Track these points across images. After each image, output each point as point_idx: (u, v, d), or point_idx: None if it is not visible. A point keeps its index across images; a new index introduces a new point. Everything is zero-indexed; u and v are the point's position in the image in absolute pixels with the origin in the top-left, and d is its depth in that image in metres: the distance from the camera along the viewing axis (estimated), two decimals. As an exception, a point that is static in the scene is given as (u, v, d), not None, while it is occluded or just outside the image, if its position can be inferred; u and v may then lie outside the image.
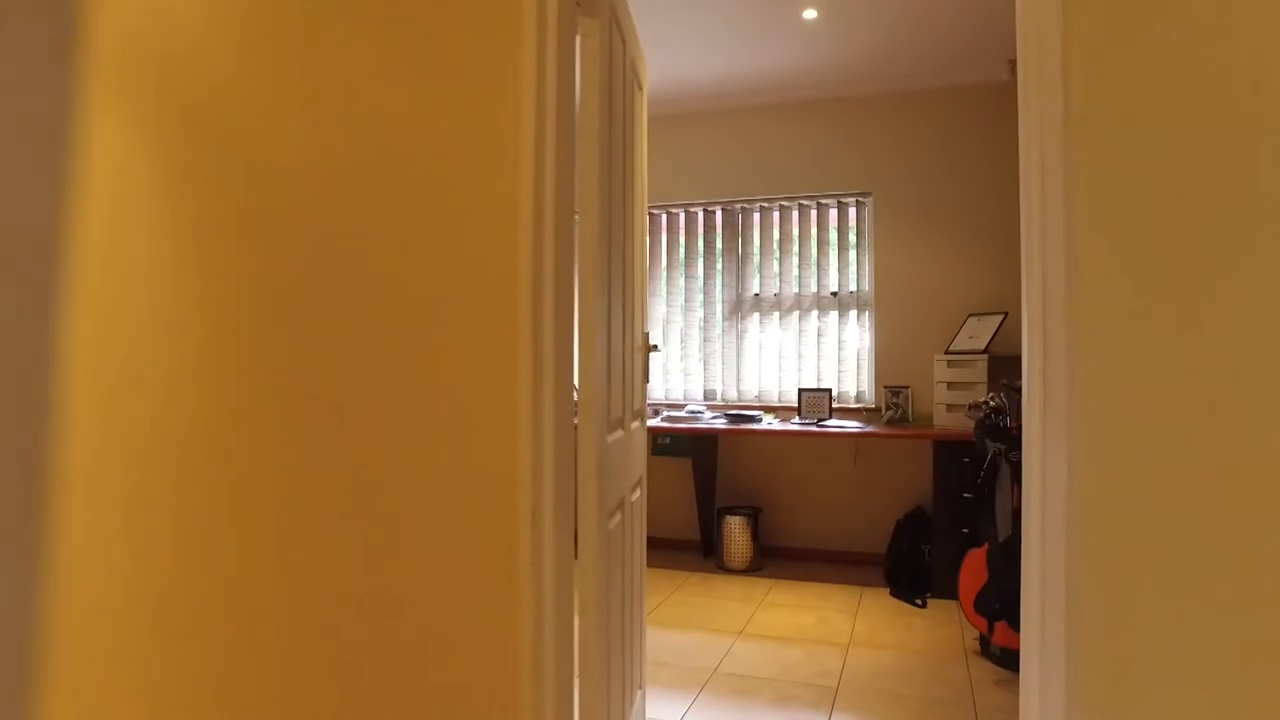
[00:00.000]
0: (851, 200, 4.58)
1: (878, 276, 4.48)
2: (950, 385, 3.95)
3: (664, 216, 4.98)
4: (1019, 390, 3.04)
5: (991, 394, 3.11)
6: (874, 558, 4.41)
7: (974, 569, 3.06)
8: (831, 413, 4.47)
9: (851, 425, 4.16)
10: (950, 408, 3.95)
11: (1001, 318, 3.97)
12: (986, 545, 2.96)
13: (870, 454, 4.46)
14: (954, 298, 4.34)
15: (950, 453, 3.74)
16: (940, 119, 4.41)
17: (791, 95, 4.65)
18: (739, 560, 4.34)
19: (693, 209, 4.92)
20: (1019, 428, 2.97)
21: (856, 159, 4.55)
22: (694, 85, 4.57)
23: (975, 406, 3.10)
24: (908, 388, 4.36)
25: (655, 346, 2.38)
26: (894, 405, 4.37)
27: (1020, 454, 2.92)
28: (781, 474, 4.64)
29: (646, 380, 2.37)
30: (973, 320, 4.12)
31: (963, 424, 3.88)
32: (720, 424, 4.31)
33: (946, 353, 4.08)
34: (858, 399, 4.56)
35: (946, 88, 4.38)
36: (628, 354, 2.09)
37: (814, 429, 4.07)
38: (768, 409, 4.66)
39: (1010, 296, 4.24)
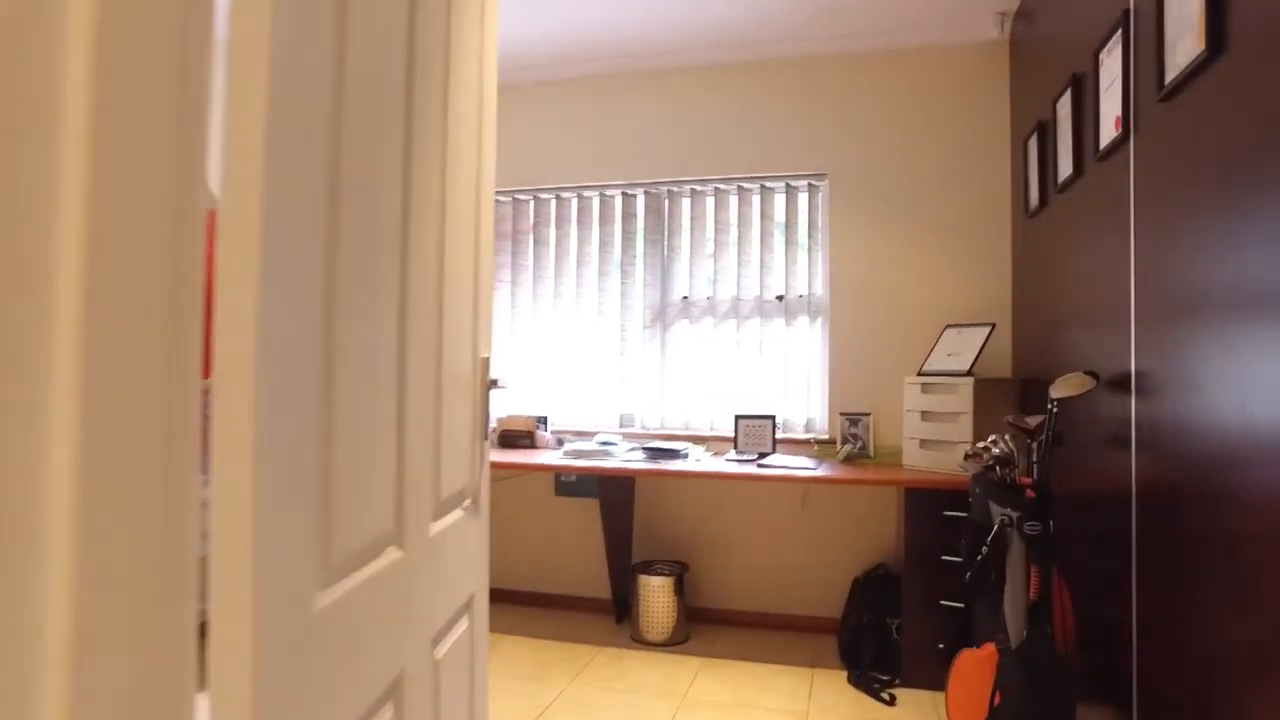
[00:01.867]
0: (802, 184, 3.73)
1: (833, 277, 3.64)
2: (926, 415, 3.12)
3: (572, 200, 4.06)
4: (1034, 432, 2.20)
5: (994, 438, 2.27)
6: (826, 624, 3.56)
7: (970, 679, 2.21)
8: (776, 446, 3.61)
9: (800, 464, 3.29)
10: (925, 444, 3.12)
11: (988, 330, 3.16)
12: (993, 650, 2.12)
13: (823, 498, 3.61)
14: (928, 305, 3.53)
15: (926, 503, 2.91)
16: (913, 85, 3.59)
17: (728, 55, 3.78)
18: (659, 630, 3.44)
19: (608, 193, 4.00)
20: (1037, 486, 2.14)
21: (808, 133, 3.70)
22: (605, 40, 3.67)
23: (974, 456, 2.26)
24: (868, 415, 3.53)
25: (495, 382, 1.45)
26: (852, 437, 3.53)
27: (1039, 525, 2.09)
28: (713, 522, 3.75)
29: (484, 436, 1.44)
30: (951, 333, 3.30)
31: (941, 464, 3.05)
32: (637, 461, 3.40)
33: (920, 373, 3.25)
34: (808, 428, 3.71)
35: (921, 47, 3.57)
36: (430, 402, 1.15)
37: (754, 469, 3.19)
38: (697, 440, 3.77)
39: (998, 304, 3.44)
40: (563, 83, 4.04)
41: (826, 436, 3.63)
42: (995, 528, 2.09)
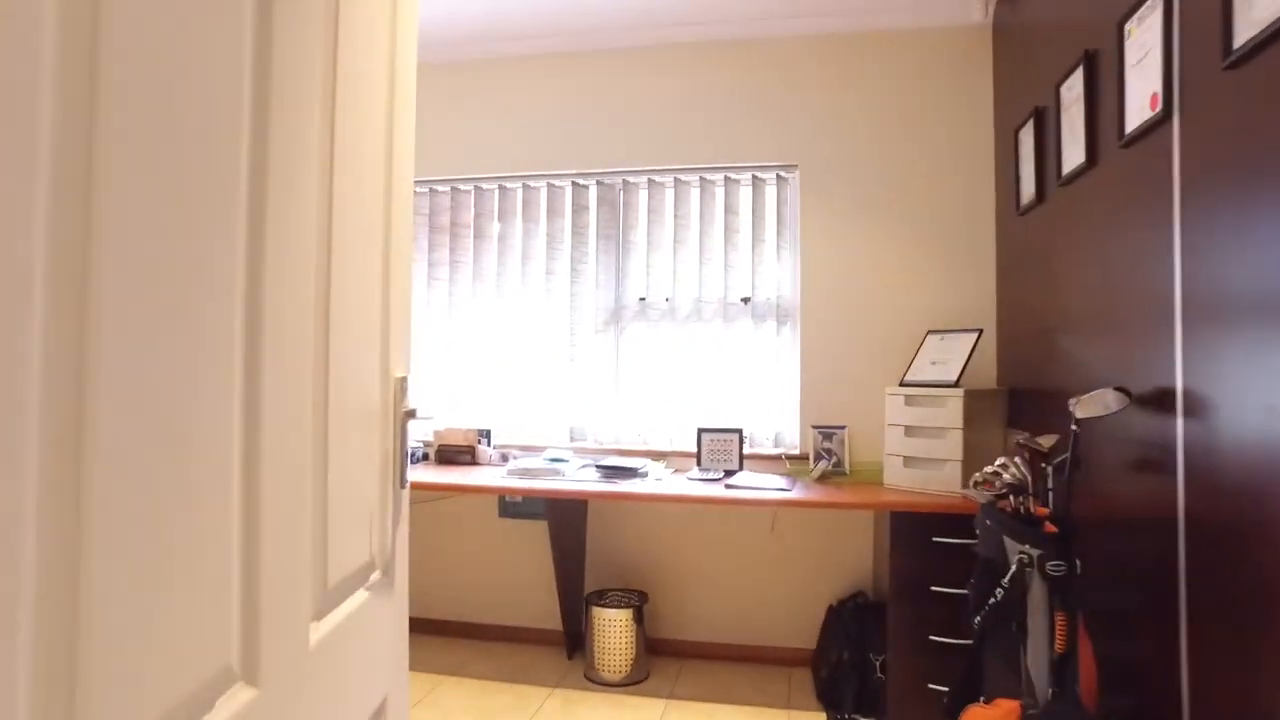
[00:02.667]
0: (770, 176, 3.43)
1: (804, 278, 3.35)
2: (911, 430, 2.84)
3: (517, 191, 3.68)
4: (1049, 455, 1.92)
5: (1003, 461, 1.99)
6: (800, 655, 3.26)
7: (980, 739, 1.91)
8: (743, 462, 3.29)
9: (771, 483, 2.98)
10: (910, 461, 2.83)
11: (975, 336, 2.89)
12: (1014, 709, 1.82)
13: (794, 519, 3.31)
14: (907, 309, 3.25)
15: (912, 528, 2.62)
16: (888, 71, 3.32)
17: (690, 33, 3.45)
18: (616, 668, 3.09)
19: (557, 183, 3.64)
20: (1057, 518, 1.85)
21: (776, 121, 3.40)
22: (555, 12, 3.31)
23: (985, 483, 1.97)
24: (843, 428, 3.24)
25: (413, 413, 1.07)
26: (826, 452, 3.24)
27: (1064, 565, 1.79)
28: (674, 545, 3.41)
29: (401, 481, 1.06)
30: (934, 340, 3.04)
31: (928, 484, 2.77)
32: (590, 480, 3.04)
33: (903, 384, 2.97)
34: (777, 443, 3.40)
35: (900, 30, 3.30)
36: (307, 449, 0.78)
37: (720, 491, 2.87)
38: (656, 456, 3.43)
39: (982, 308, 3.19)
40: (507, 61, 3.66)
41: (798, 451, 3.33)
42: (1013, 568, 1.80)
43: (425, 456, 3.59)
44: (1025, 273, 2.80)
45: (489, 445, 3.57)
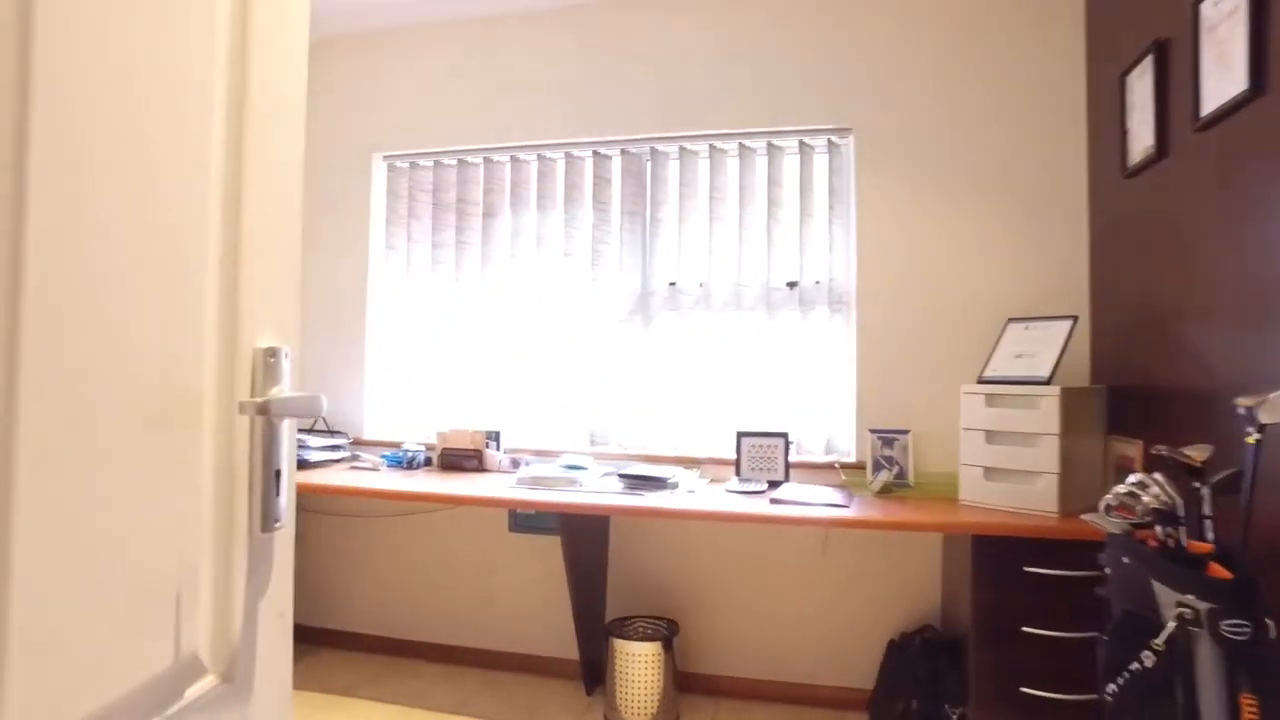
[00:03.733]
0: (820, 141, 2.98)
1: (861, 259, 2.89)
2: (993, 436, 2.37)
3: (531, 163, 3.26)
4: (1206, 472, 1.45)
5: (1140, 478, 1.52)
6: (853, 697, 2.80)
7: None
8: (789, 471, 2.84)
9: (823, 497, 2.53)
10: (994, 474, 2.36)
11: (1070, 325, 2.41)
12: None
13: (849, 539, 2.85)
14: (984, 292, 2.78)
15: (1000, 555, 2.16)
16: (961, 16, 2.84)
17: (729, -20, 3.01)
18: (641, 708, 2.66)
19: (576, 153, 3.22)
20: (1228, 559, 1.38)
21: (828, 78, 2.94)
22: (578, -48, 2.89)
23: (1121, 508, 1.50)
24: (907, 433, 2.77)
25: (306, 407, 0.65)
26: (886, 461, 2.78)
27: (1248, 626, 1.31)
28: (709, 568, 2.97)
29: (269, 523, 0.65)
30: (1018, 329, 2.56)
31: (1017, 501, 2.30)
32: (611, 492, 2.61)
33: (982, 380, 2.50)
34: (829, 449, 2.95)
35: (968, -34, 2.82)
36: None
37: (760, 506, 2.42)
38: (688, 463, 2.99)
39: (1073, 292, 2.70)
40: (517, 16, 3.25)
41: (854, 459, 2.87)
42: (1170, 626, 1.33)
43: (428, 461, 3.19)
44: (1132, 247, 2.32)
45: (498, 449, 3.16)
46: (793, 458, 2.89)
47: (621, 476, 2.74)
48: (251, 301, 0.61)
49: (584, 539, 2.84)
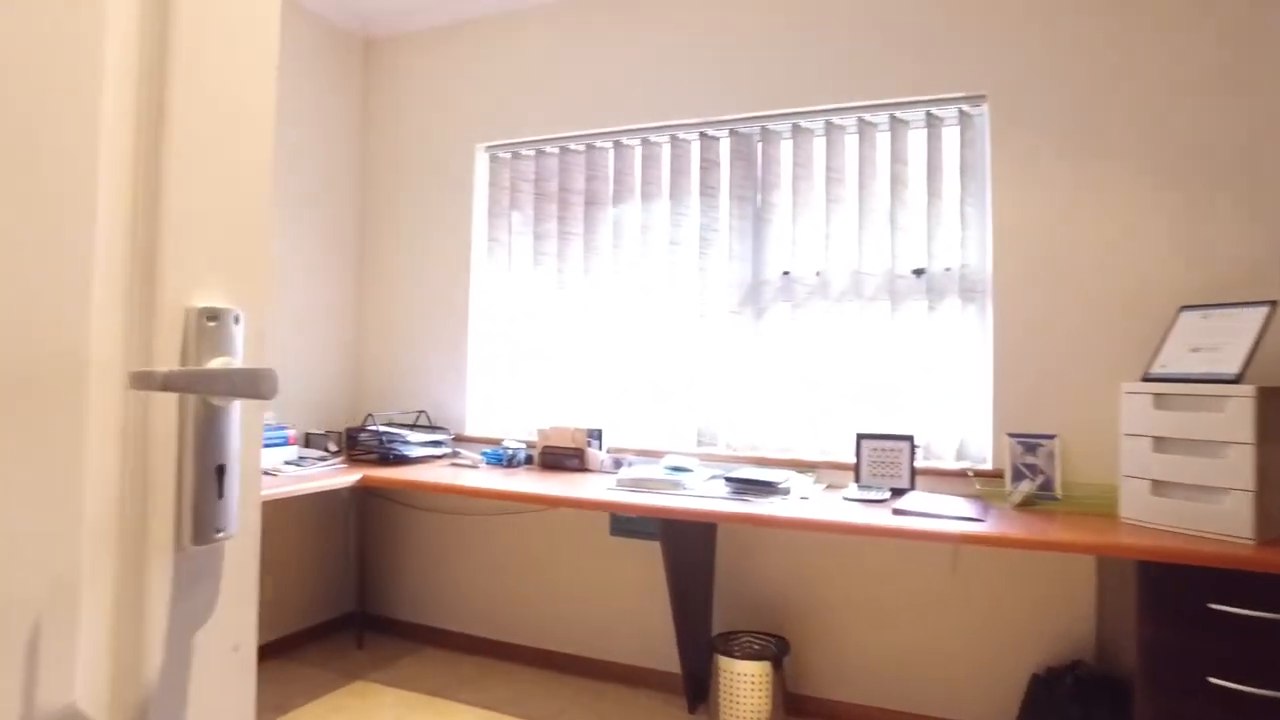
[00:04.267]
0: (950, 112, 2.67)
1: (998, 240, 2.56)
2: (1164, 444, 2.01)
3: (635, 149, 3.11)
4: None
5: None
6: (987, 736, 2.49)
7: None
8: (915, 478, 2.56)
9: (953, 509, 2.24)
10: (1164, 488, 2.01)
11: (1265, 313, 2.02)
12: None
13: (985, 560, 2.53)
14: (1148, 276, 2.40)
15: (1177, 587, 1.82)
16: (1121, -44, 2.47)
17: (848, -60, 2.75)
18: (748, 733, 2.45)
19: (682, 135, 3.04)
20: None
21: (960, 39, 2.63)
22: (684, -80, 2.71)
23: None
24: (1053, 438, 2.43)
25: (249, 382, 0.50)
26: (1028, 469, 2.45)
27: None
28: (824, 582, 2.73)
29: (204, 534, 0.50)
30: (1193, 318, 2.18)
31: (1196, 521, 1.94)
32: (717, 497, 2.42)
33: (1148, 378, 2.15)
34: (961, 455, 2.64)
35: (1131, -98, 2.45)
36: None
37: (881, 517, 2.16)
38: (802, 467, 2.76)
39: (1264, 274, 2.29)
40: (625, -4, 3.11)
41: (989, 466, 2.55)
42: None
43: (529, 460, 3.10)
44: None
45: (600, 448, 3.03)
46: (919, 463, 2.60)
47: (728, 480, 2.54)
48: (181, 247, 0.47)
49: (687, 546, 2.66)
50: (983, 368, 2.60)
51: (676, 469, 2.72)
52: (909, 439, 2.58)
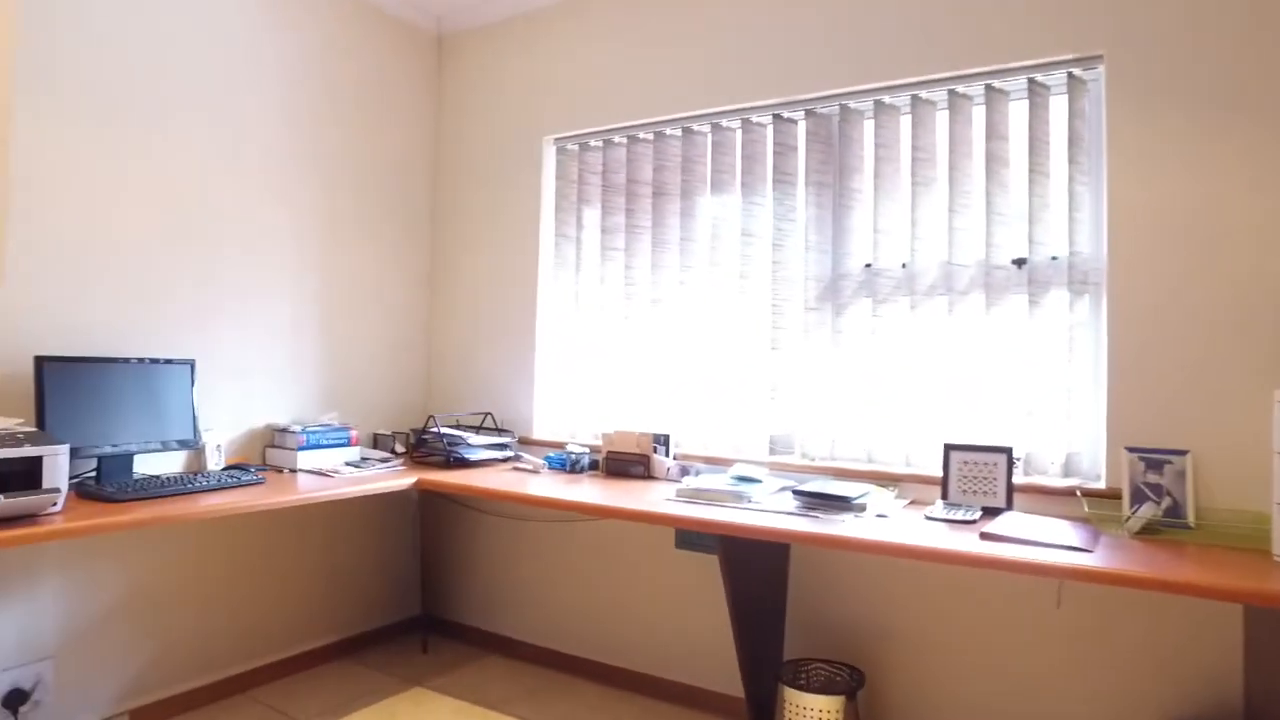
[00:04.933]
0: (1057, 78, 2.34)
1: (1114, 225, 2.21)
2: (1326, 467, 1.65)
3: (705, 135, 2.91)
4: None
5: None
6: (1100, 797, 2.15)
7: None
8: (1012, 497, 2.25)
9: (1055, 536, 1.93)
10: (1324, 521, 1.65)
11: None
12: None
13: (1099, 596, 2.19)
14: (1310, 262, 2.00)
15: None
16: (1271, -118, 2.08)
17: (939, -108, 2.46)
18: (818, 773, 2.21)
19: (756, 119, 2.82)
20: None
21: (1071, -4, 2.29)
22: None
23: None
24: (1184, 454, 2.07)
25: None
26: (1152, 490, 2.09)
27: None
28: (907, 609, 2.45)
29: None
30: (1367, 312, 1.79)
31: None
32: (781, 511, 2.20)
33: (1305, 386, 1.78)
34: (1069, 471, 2.30)
35: None
36: None
37: (967, 541, 1.88)
38: (883, 480, 2.49)
39: None
40: (694, -27, 2.92)
41: (1102, 485, 2.21)
42: None
43: (594, 465, 2.96)
44: None
45: (667, 455, 2.85)
46: (1017, 479, 2.29)
47: (796, 494, 2.31)
48: None
49: (754, 563, 2.45)
50: (1094, 370, 2.26)
51: (743, 479, 2.51)
52: (1006, 451, 2.27)
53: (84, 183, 2.38)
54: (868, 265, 2.61)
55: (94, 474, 2.32)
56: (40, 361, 2.16)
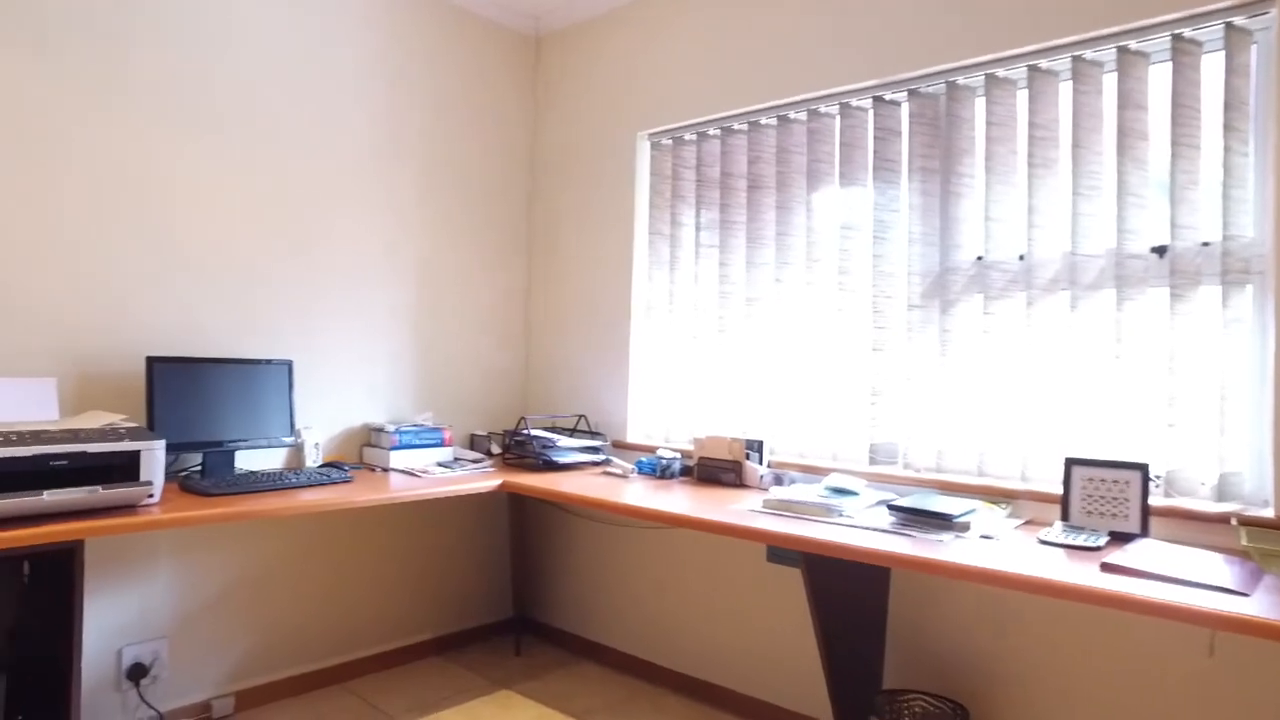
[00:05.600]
0: (1211, 31, 2.00)
1: (1282, 203, 1.87)
2: None
3: (800, 123, 2.74)
4: None
5: None
6: None
7: None
8: (1148, 521, 1.94)
9: (1198, 570, 1.63)
10: None
11: None
12: None
13: (1261, 645, 1.86)
14: None
15: None
16: None
17: None
18: (914, 819, 2.00)
19: (855, 103, 2.62)
20: None
21: (1225, -63, 1.96)
22: None
23: None
24: (1371, 478, 1.71)
25: None
26: (1328, 520, 1.74)
27: None
28: (1019, 644, 2.18)
29: None
30: None
31: None
32: (876, 529, 2.00)
33: None
34: (1222, 494, 1.96)
35: None
36: None
37: (1087, 573, 1.62)
38: (995, 495, 2.23)
39: None
40: (790, -48, 2.75)
41: (1270, 513, 1.86)
42: None
43: (686, 471, 2.85)
44: None
45: (760, 461, 2.70)
46: (1156, 501, 1.98)
47: (893, 509, 2.10)
48: None
49: (845, 582, 2.25)
50: (1255, 374, 1.92)
51: (836, 491, 2.33)
52: (1141, 468, 1.96)
53: (193, 190, 2.52)
54: (979, 258, 2.35)
55: (199, 468, 2.45)
56: (151, 362, 2.30)
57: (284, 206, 2.73)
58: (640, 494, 2.47)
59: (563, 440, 3.04)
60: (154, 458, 1.99)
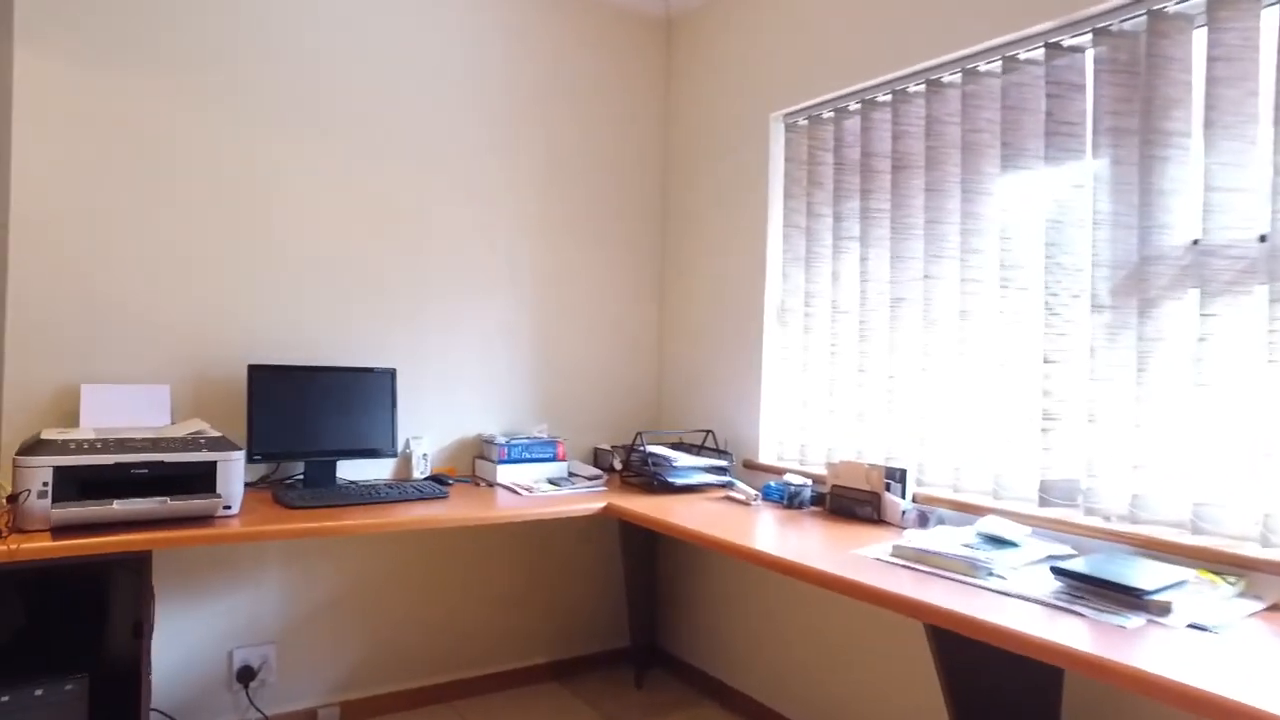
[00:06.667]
0: None
1: None
2: None
3: (953, 87, 2.25)
4: None
5: None
6: None
7: None
8: None
9: None
10: None
11: None
12: None
13: None
14: None
15: None
16: None
17: None
18: None
19: (1025, 55, 2.10)
20: None
21: None
22: None
23: None
24: None
25: None
26: None
27: None
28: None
29: None
30: None
31: None
32: (1030, 598, 1.54)
33: None
34: None
35: None
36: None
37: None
38: (1220, 563, 1.66)
39: None
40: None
41: None
42: None
43: (817, 500, 2.47)
44: None
45: (903, 494, 2.26)
46: None
47: (1059, 573, 1.62)
48: None
49: (994, 670, 1.78)
50: None
51: (990, 539, 1.86)
52: None
53: (299, 195, 2.52)
54: (1195, 242, 1.78)
55: (301, 476, 2.44)
56: (252, 370, 2.31)
57: (393, 211, 2.68)
58: (750, 526, 2.14)
59: (682, 459, 2.75)
60: (230, 469, 1.96)
